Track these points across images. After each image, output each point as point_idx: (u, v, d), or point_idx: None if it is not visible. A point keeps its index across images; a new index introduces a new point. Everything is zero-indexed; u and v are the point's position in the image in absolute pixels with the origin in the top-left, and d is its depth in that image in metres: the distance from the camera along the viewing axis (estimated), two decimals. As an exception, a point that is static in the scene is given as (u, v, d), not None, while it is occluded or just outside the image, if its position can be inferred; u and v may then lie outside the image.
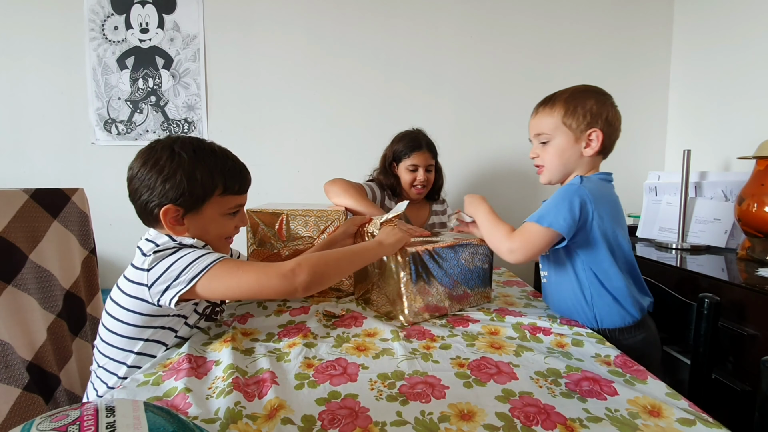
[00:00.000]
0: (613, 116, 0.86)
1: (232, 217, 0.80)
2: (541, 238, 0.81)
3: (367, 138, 1.84)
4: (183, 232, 0.74)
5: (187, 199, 0.72)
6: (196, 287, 0.68)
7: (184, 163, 0.72)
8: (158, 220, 0.72)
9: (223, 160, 0.77)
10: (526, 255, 0.82)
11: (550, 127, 0.86)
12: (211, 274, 0.68)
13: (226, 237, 0.82)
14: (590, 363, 0.69)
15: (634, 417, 0.53)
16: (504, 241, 0.85)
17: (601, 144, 0.84)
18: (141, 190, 0.72)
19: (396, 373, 0.65)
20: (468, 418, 0.53)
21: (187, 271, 0.68)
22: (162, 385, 0.62)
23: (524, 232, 0.83)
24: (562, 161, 0.87)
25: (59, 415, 0.38)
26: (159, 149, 0.73)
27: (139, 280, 0.70)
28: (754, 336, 0.99)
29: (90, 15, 1.73)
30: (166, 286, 0.68)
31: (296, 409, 0.55)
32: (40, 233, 0.98)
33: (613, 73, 1.88)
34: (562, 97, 0.86)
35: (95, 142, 1.78)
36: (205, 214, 0.75)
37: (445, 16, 1.83)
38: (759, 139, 1.27)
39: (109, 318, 0.74)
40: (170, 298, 0.68)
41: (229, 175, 0.77)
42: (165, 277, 0.68)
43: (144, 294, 0.70)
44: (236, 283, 0.69)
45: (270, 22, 1.79)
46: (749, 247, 1.28)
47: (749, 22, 1.52)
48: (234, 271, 0.69)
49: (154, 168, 0.71)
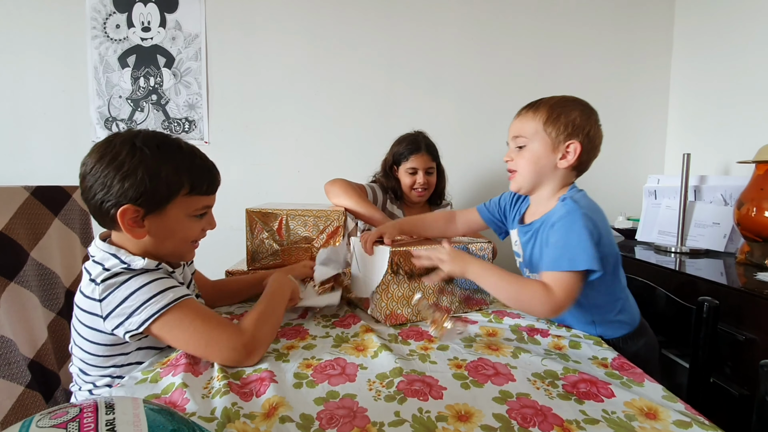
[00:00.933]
0: (595, 133, 0.82)
1: (199, 220, 0.73)
2: (580, 282, 0.74)
3: (367, 138, 1.85)
4: (142, 234, 0.68)
5: (148, 198, 0.66)
6: (150, 329, 0.64)
7: (146, 159, 0.65)
8: (114, 221, 0.66)
9: (191, 157, 0.70)
10: (569, 308, 0.75)
11: (530, 132, 0.82)
12: (164, 319, 0.63)
13: (192, 241, 0.75)
14: (587, 365, 0.69)
15: (631, 419, 0.54)
16: (545, 300, 0.73)
17: (578, 158, 0.80)
18: (95, 189, 0.65)
19: (394, 370, 0.65)
20: (465, 419, 0.53)
21: (140, 310, 0.63)
22: (160, 382, 0.62)
23: (564, 284, 0.73)
24: (536, 169, 0.82)
25: (59, 412, 0.38)
26: (118, 143, 0.65)
27: (93, 310, 0.65)
28: (752, 340, 0.99)
29: (92, 13, 1.74)
30: (119, 322, 0.64)
31: (294, 408, 0.55)
32: (42, 230, 0.98)
33: (614, 76, 1.89)
34: (548, 103, 0.82)
35: (96, 140, 1.78)
36: (168, 216, 0.69)
37: (447, 17, 1.83)
38: (758, 144, 1.27)
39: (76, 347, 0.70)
40: (123, 334, 0.64)
41: (196, 174, 0.70)
42: (118, 312, 0.63)
43: (99, 325, 0.65)
44: (185, 340, 0.65)
45: (272, 22, 1.79)
46: (748, 251, 1.28)
47: (749, 26, 1.53)
48: (188, 322, 0.65)
49: (111, 164, 0.64)
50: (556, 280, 0.74)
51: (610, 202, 1.93)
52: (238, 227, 1.09)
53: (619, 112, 1.91)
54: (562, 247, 0.75)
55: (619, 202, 1.91)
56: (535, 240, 0.84)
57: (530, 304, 0.75)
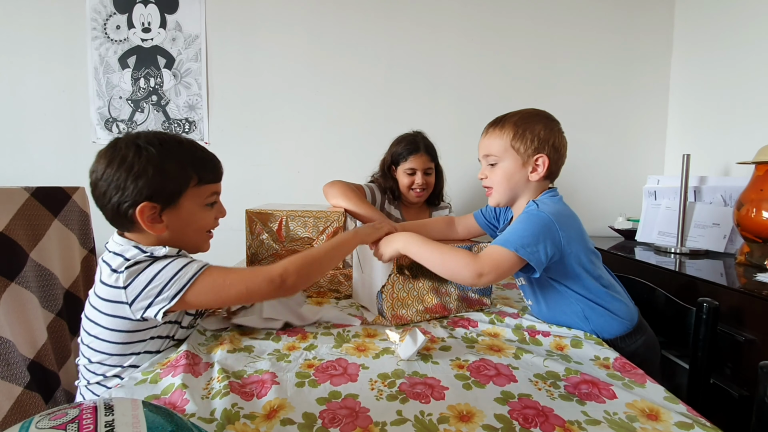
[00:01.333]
0: (560, 142, 0.85)
1: (210, 209, 0.78)
2: (510, 264, 0.77)
3: (367, 139, 1.85)
4: (162, 230, 0.71)
5: (162, 193, 0.69)
6: (184, 300, 0.66)
7: (153, 158, 0.68)
8: (133, 221, 0.68)
9: (192, 150, 0.74)
10: (495, 279, 0.78)
11: (499, 150, 0.86)
12: (197, 285, 0.66)
13: (207, 230, 0.80)
14: (589, 366, 0.69)
15: (632, 420, 0.54)
16: (469, 264, 0.77)
17: (547, 169, 0.84)
18: (110, 193, 0.67)
19: (396, 372, 0.65)
20: (467, 419, 0.53)
21: (171, 285, 0.65)
22: (160, 383, 0.62)
23: (493, 256, 0.77)
24: (510, 185, 0.87)
25: (58, 414, 0.38)
26: (123, 146, 0.68)
27: (116, 298, 0.67)
28: (752, 341, 0.99)
29: (92, 14, 1.74)
30: (149, 302, 0.65)
31: (296, 407, 0.55)
32: (41, 231, 0.98)
33: (614, 77, 1.89)
34: (512, 120, 0.86)
35: (96, 141, 1.78)
36: (183, 208, 0.72)
37: (446, 18, 1.84)
38: (758, 144, 1.28)
39: (91, 337, 0.71)
40: (155, 314, 0.66)
41: (200, 165, 0.74)
42: (146, 293, 0.65)
43: (125, 312, 0.67)
44: (225, 292, 0.68)
45: (272, 23, 1.79)
46: (748, 252, 1.28)
47: (749, 27, 1.53)
48: (221, 279, 0.68)
49: (122, 166, 0.67)
50: (488, 251, 0.79)
51: (610, 203, 1.93)
52: (238, 228, 1.09)
53: (619, 113, 1.91)
54: (508, 233, 0.80)
55: (618, 202, 1.91)
56: None
57: (455, 269, 0.79)
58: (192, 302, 0.67)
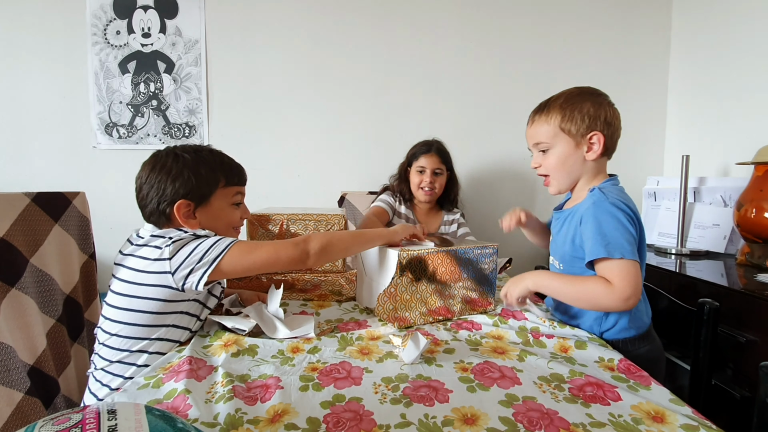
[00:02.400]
0: (612, 115, 0.82)
1: (237, 208, 0.90)
2: (637, 270, 0.73)
3: (367, 142, 1.85)
4: (195, 225, 0.82)
5: (196, 193, 0.81)
6: (220, 266, 0.74)
7: (188, 163, 0.81)
8: (171, 218, 0.80)
9: (220, 157, 0.88)
10: (639, 294, 0.73)
11: (549, 135, 0.83)
12: (231, 252, 0.75)
13: (234, 227, 0.91)
14: (593, 368, 0.69)
15: (638, 423, 0.53)
16: (610, 293, 0.72)
17: (603, 146, 0.81)
18: (152, 194, 0.80)
19: (400, 376, 0.65)
20: (471, 422, 0.53)
21: (209, 253, 0.75)
22: (162, 387, 0.62)
23: (622, 272, 0.72)
24: (566, 168, 0.84)
25: (61, 418, 0.38)
26: (163, 155, 0.82)
27: (160, 269, 0.74)
28: (753, 342, 0.99)
29: (92, 19, 1.74)
30: (191, 270, 0.74)
31: (301, 411, 0.55)
32: (41, 237, 0.97)
33: (612, 78, 1.90)
34: (557, 103, 0.83)
35: (96, 146, 1.78)
36: (213, 206, 0.84)
37: (446, 20, 1.84)
38: (757, 145, 1.28)
39: (120, 312, 0.76)
40: (197, 281, 0.74)
41: (227, 169, 0.87)
42: (188, 261, 0.74)
43: (167, 281, 0.74)
44: (256, 256, 0.77)
45: (271, 28, 1.80)
46: (748, 252, 1.29)
47: (747, 28, 1.54)
48: (251, 247, 0.78)
49: (162, 171, 0.80)
50: (605, 270, 0.74)
51: (610, 205, 1.93)
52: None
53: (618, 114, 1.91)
54: (593, 237, 0.75)
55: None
56: (561, 227, 0.88)
57: (596, 301, 0.76)
58: (226, 270, 0.76)
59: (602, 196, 0.78)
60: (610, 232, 0.74)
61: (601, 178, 0.85)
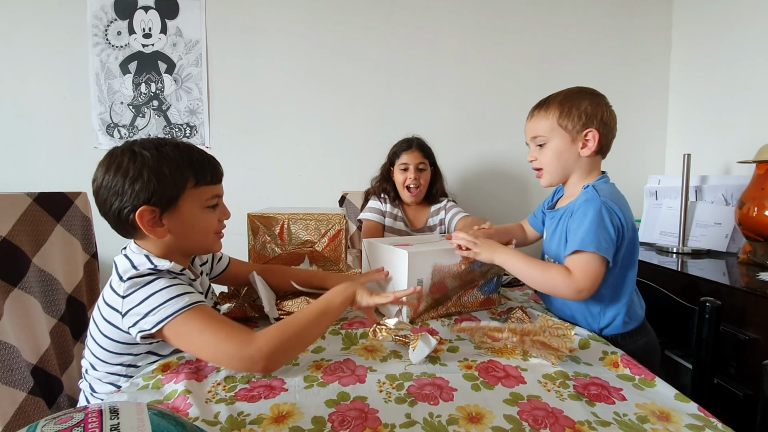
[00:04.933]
0: (608, 116, 0.86)
1: (213, 211, 0.77)
2: (601, 268, 0.76)
3: (367, 143, 1.85)
4: (163, 234, 0.70)
5: (159, 197, 0.68)
6: (162, 332, 0.64)
7: (148, 162, 0.68)
8: (135, 227, 0.69)
9: (188, 152, 0.73)
10: (593, 289, 0.77)
11: (546, 130, 0.86)
12: (176, 322, 0.63)
13: (215, 232, 0.79)
14: (599, 366, 0.69)
15: (643, 421, 0.53)
16: (567, 282, 0.77)
17: (598, 144, 0.84)
18: (110, 199, 0.68)
19: (404, 374, 0.65)
20: (476, 420, 0.53)
21: (156, 311, 0.64)
22: (162, 388, 0.62)
23: (585, 266, 0.76)
24: (561, 163, 0.87)
25: (63, 417, 0.38)
26: (119, 154, 0.69)
27: (115, 305, 0.67)
28: (755, 340, 0.99)
29: (93, 20, 1.74)
30: (135, 321, 0.65)
31: (305, 411, 0.55)
32: (44, 237, 0.98)
33: (613, 77, 1.90)
34: (556, 100, 0.86)
35: (97, 146, 1.78)
36: (182, 210, 0.71)
37: (446, 22, 1.85)
38: (759, 143, 1.28)
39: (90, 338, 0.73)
40: (137, 334, 0.65)
41: (197, 167, 0.73)
42: (136, 310, 0.65)
43: (117, 321, 0.67)
44: (195, 345, 0.65)
45: (272, 29, 1.80)
46: (750, 251, 1.29)
47: (747, 26, 1.54)
48: (197, 329, 0.64)
49: (118, 172, 0.67)
50: (572, 261, 0.78)
51: (611, 204, 1.94)
52: (240, 232, 1.09)
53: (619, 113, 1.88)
54: (575, 231, 0.79)
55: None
56: (556, 226, 0.89)
57: (553, 287, 0.81)
58: (167, 337, 0.65)
59: (595, 194, 0.81)
60: (590, 228, 0.77)
61: (594, 175, 0.88)
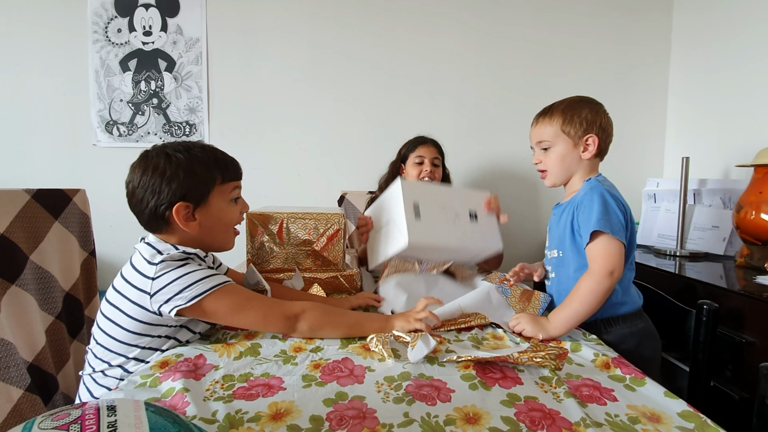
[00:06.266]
0: (606, 122, 0.94)
1: (235, 204, 0.86)
2: (620, 248, 0.82)
3: (366, 143, 1.85)
4: (195, 227, 0.77)
5: (194, 193, 0.76)
6: (200, 305, 0.71)
7: (182, 163, 0.76)
8: (169, 222, 0.75)
9: (213, 153, 0.83)
10: (623, 269, 0.83)
11: (551, 135, 0.94)
12: (216, 296, 0.72)
13: (234, 225, 0.87)
14: (590, 368, 0.70)
15: (634, 422, 0.54)
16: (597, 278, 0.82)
17: (597, 148, 0.92)
18: (147, 198, 0.74)
19: (402, 374, 0.65)
20: (474, 421, 0.53)
21: (192, 287, 0.71)
22: (159, 386, 0.62)
23: (604, 250, 0.82)
24: (564, 165, 0.95)
25: (61, 414, 0.38)
26: (154, 156, 0.76)
27: (142, 287, 0.71)
28: (752, 343, 0.99)
29: (93, 17, 1.74)
30: (168, 298, 0.70)
31: (304, 410, 0.55)
32: (42, 234, 0.97)
33: (612, 81, 1.90)
34: (559, 108, 0.94)
35: (96, 144, 1.78)
36: (212, 205, 0.80)
37: (446, 26, 1.84)
38: (757, 147, 1.29)
39: (106, 321, 0.74)
40: (169, 310, 0.70)
41: (222, 165, 0.82)
42: (169, 288, 0.70)
43: (145, 302, 0.71)
44: (243, 313, 0.74)
45: (272, 28, 1.80)
46: (747, 254, 1.29)
47: (747, 31, 1.54)
48: (241, 300, 0.74)
49: (155, 173, 0.74)
50: (592, 251, 0.84)
51: (609, 206, 1.94)
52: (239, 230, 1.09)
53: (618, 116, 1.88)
54: (587, 219, 0.85)
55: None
56: (560, 218, 0.96)
57: (597, 298, 0.83)
58: (207, 310, 0.72)
59: (597, 183, 0.90)
60: (601, 211, 0.84)
61: (593, 175, 0.95)
